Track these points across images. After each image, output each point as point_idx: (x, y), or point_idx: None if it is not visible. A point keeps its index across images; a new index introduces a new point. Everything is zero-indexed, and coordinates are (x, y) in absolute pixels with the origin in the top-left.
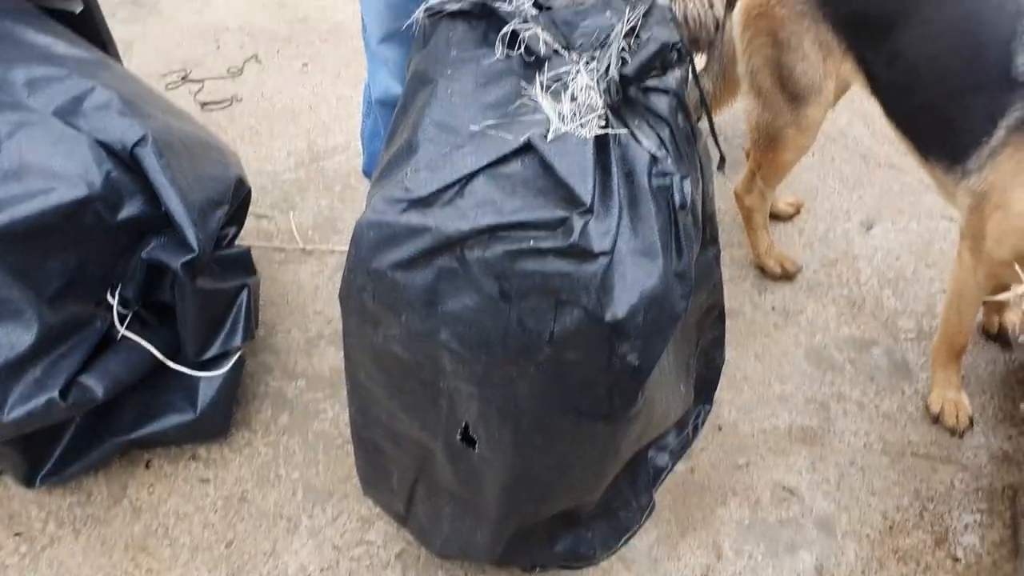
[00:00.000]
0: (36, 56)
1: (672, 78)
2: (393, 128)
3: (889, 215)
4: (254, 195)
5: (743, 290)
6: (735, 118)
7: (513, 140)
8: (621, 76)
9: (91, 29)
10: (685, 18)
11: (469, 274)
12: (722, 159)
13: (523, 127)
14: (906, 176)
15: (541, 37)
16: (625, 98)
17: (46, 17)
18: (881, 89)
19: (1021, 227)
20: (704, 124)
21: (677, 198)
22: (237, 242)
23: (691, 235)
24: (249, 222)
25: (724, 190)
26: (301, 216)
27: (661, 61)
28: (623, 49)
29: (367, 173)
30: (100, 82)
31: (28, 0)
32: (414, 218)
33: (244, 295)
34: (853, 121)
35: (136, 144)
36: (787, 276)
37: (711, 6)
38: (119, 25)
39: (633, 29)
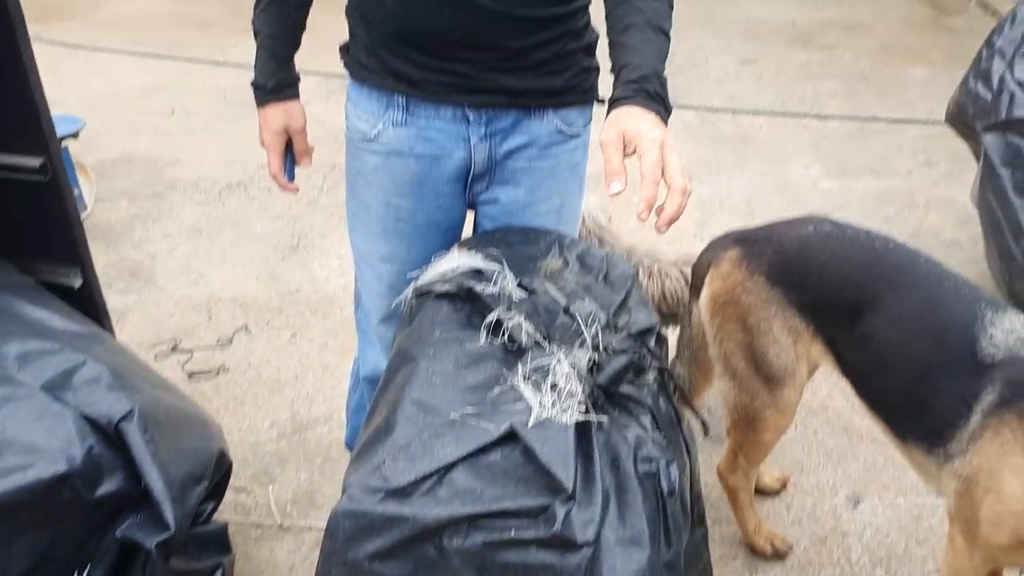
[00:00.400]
0: (31, 331)
1: (651, 371)
2: (374, 405)
3: (875, 490)
4: (234, 467)
5: (734, 569)
6: (717, 389)
7: (494, 430)
8: (597, 385)
9: (88, 301)
10: (663, 294)
11: (449, 565)
12: (704, 425)
13: (504, 416)
14: (889, 450)
15: (524, 327)
16: (606, 392)
17: (45, 292)
18: (850, 371)
19: (1017, 510)
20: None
21: (664, 484)
22: (214, 517)
23: (680, 522)
24: (227, 495)
25: (710, 465)
26: (280, 490)
27: (635, 369)
28: (604, 347)
29: (349, 446)
30: (92, 356)
31: (29, 275)
32: (391, 507)
33: None
34: (833, 393)
35: (122, 419)
36: (778, 555)
37: (688, 284)
38: (115, 295)
39: (610, 322)
